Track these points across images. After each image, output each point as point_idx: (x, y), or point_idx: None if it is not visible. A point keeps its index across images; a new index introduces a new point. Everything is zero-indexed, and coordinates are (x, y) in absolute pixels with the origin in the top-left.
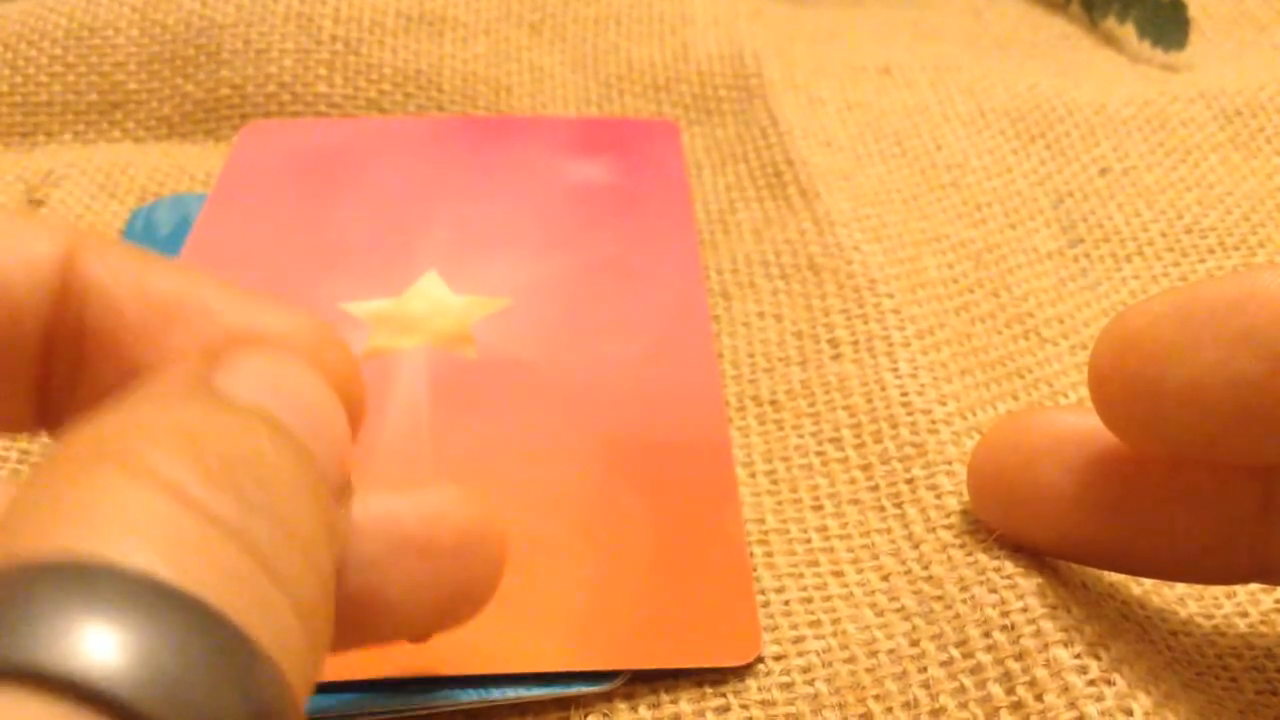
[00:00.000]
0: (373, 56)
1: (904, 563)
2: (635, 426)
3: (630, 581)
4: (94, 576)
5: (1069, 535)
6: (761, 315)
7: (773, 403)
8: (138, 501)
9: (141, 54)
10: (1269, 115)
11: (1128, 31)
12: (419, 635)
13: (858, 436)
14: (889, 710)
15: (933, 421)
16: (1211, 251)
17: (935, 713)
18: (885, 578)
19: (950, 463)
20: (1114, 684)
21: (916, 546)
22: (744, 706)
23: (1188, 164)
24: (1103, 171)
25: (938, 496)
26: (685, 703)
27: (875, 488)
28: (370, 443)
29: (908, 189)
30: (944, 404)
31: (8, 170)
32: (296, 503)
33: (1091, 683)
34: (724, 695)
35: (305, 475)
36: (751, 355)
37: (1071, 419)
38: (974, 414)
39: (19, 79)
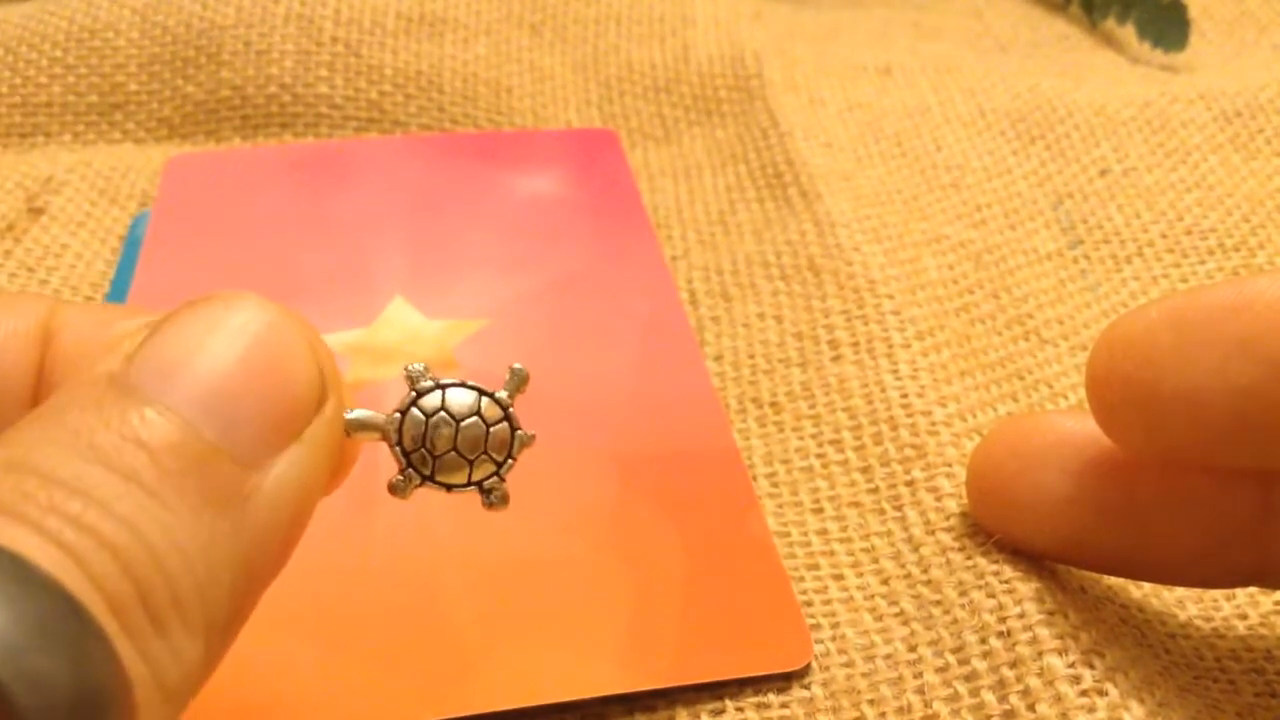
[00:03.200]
0: (373, 58)
1: (903, 566)
2: (640, 438)
3: (669, 596)
4: None
5: (1067, 539)
6: (762, 316)
7: (773, 404)
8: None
9: (142, 55)
10: (1268, 116)
11: (1128, 32)
12: None
13: (858, 439)
14: (882, 715)
15: (933, 423)
16: (1211, 253)
17: (928, 719)
18: (884, 581)
19: (950, 465)
20: (1106, 694)
21: (916, 550)
22: (739, 709)
23: (1188, 165)
24: (1103, 173)
25: (937, 499)
26: (681, 705)
27: (875, 490)
28: (372, 481)
29: (908, 190)
30: (944, 405)
31: (7, 175)
32: (134, 507)
33: (1084, 693)
34: (720, 699)
35: (177, 474)
36: (752, 357)
37: (1070, 423)
38: (974, 415)
39: (19, 80)
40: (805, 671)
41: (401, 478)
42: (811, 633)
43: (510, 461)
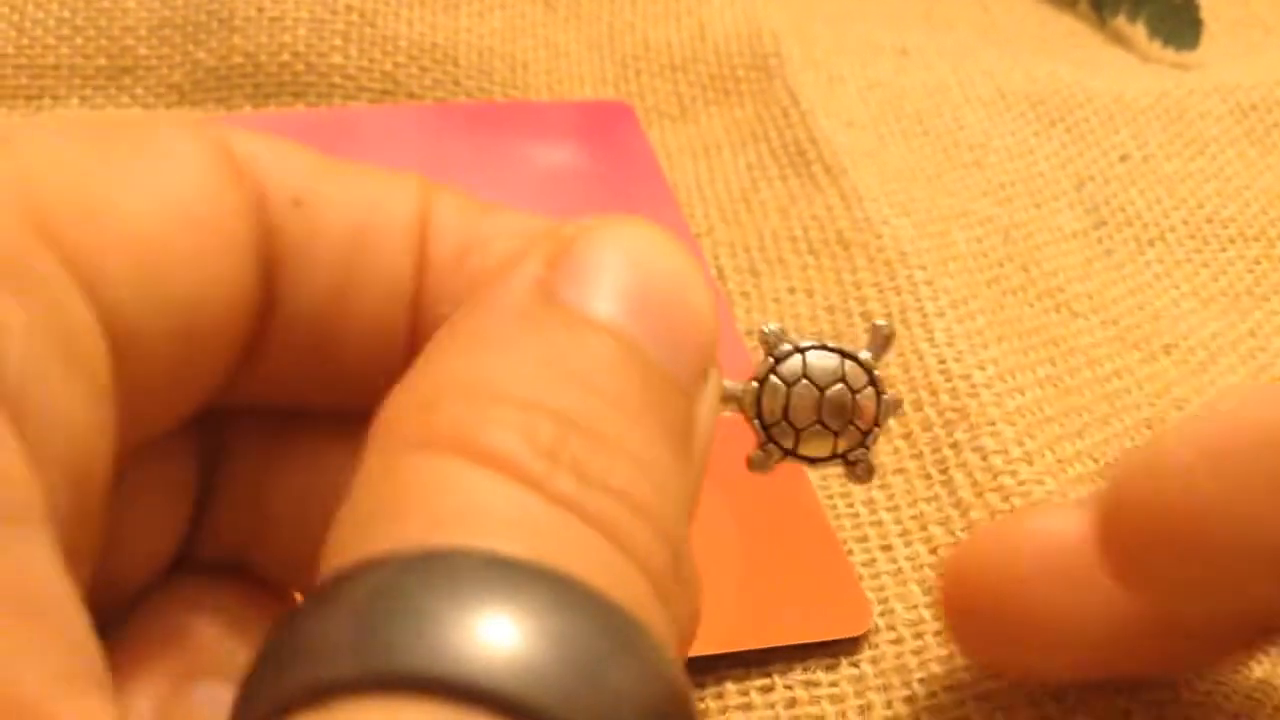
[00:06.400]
0: (388, 29)
1: (952, 533)
2: None
3: (725, 565)
4: (457, 566)
5: (1081, 658)
6: (792, 291)
7: None
8: (480, 488)
9: (152, 19)
10: None
11: (1138, 30)
12: None
13: None
14: (933, 694)
15: (973, 385)
16: (1232, 241)
17: (981, 697)
18: (933, 550)
19: (994, 423)
20: None
21: (965, 514)
22: (788, 686)
23: (1205, 155)
24: (1123, 158)
25: (983, 458)
26: (730, 682)
27: (919, 455)
28: None
29: (931, 167)
30: (983, 369)
31: None
32: (643, 443)
33: None
34: (769, 675)
35: (652, 403)
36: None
37: (1058, 523)
38: (1013, 377)
39: (25, 41)
40: (860, 644)
41: (762, 452)
42: None
43: (877, 430)
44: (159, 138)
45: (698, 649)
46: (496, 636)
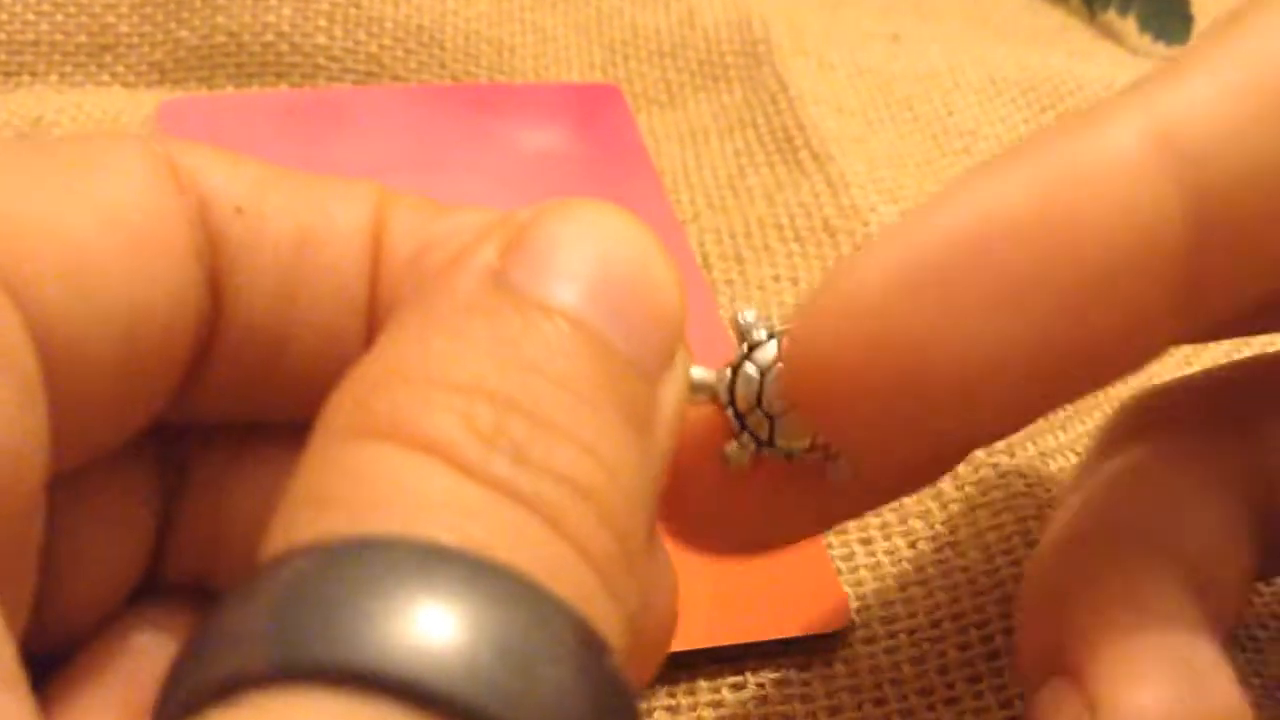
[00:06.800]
0: (374, 10)
1: (931, 526)
2: None
3: (700, 560)
4: (378, 553)
5: (776, 536)
6: (777, 279)
7: None
8: (410, 474)
9: None
10: None
11: (1128, 25)
12: None
13: None
14: (904, 697)
15: None
16: None
17: (951, 700)
18: (912, 544)
19: None
20: None
21: (945, 507)
22: (760, 685)
23: None
24: None
25: None
26: (702, 679)
27: None
28: None
29: (920, 154)
30: None
31: None
32: (594, 428)
33: None
34: (741, 673)
35: (609, 387)
36: (769, 319)
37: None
38: None
39: (4, 16)
40: (837, 640)
41: (737, 445)
42: None
43: None
44: (97, 152)
45: (672, 644)
46: (416, 626)
